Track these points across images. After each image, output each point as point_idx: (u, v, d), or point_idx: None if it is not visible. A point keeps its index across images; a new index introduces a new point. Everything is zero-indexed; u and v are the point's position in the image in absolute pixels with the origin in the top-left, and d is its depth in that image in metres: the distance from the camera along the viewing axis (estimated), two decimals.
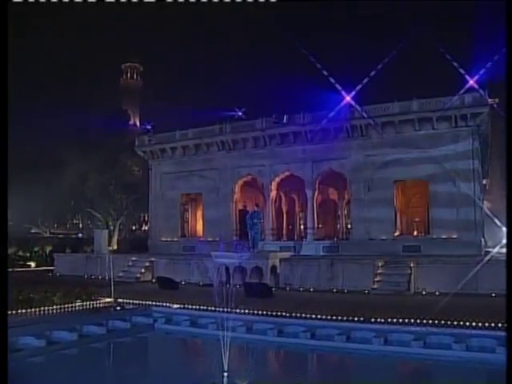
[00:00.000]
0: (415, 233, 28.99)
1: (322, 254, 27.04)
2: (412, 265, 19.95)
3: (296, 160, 28.85)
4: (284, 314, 13.64)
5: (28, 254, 41.09)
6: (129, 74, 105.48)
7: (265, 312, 13.92)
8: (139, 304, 16.44)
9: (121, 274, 26.80)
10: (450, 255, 21.45)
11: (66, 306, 14.68)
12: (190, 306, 15.20)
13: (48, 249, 41.54)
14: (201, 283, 24.06)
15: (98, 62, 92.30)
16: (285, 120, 28.48)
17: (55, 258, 32.33)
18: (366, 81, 26.57)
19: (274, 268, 22.58)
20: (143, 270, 26.52)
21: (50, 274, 29.98)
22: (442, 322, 11.77)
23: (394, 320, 12.37)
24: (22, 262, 36.17)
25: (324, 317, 12.93)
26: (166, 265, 26.47)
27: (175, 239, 32.91)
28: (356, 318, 12.84)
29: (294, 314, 13.43)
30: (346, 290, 20.19)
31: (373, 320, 12.59)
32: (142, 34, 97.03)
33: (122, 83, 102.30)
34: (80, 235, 52.89)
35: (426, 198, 26.97)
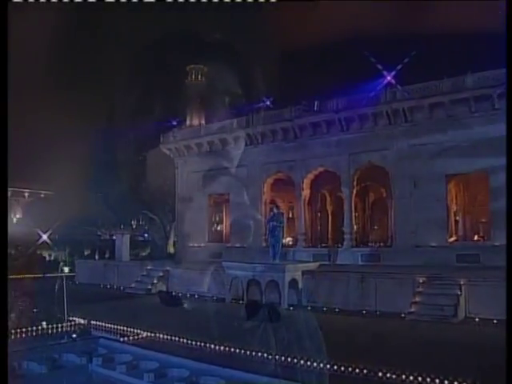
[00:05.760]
0: (476, 237, 23.97)
1: (360, 263, 22.88)
2: (462, 282, 15.53)
3: (330, 153, 24.73)
4: (262, 355, 10.02)
5: (64, 258, 40.00)
6: (193, 76, 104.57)
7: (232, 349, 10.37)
8: (110, 329, 13.56)
9: (133, 285, 24.40)
10: None
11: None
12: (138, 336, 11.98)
13: (86, 252, 40.28)
14: (215, 297, 21.08)
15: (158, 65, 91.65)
16: (316, 107, 24.38)
17: (76, 264, 30.21)
18: (409, 58, 22.31)
19: (294, 282, 18.86)
20: (156, 281, 23.78)
21: (71, 282, 28.00)
22: None
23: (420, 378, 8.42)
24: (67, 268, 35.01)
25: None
26: (181, 275, 23.55)
27: (202, 245, 29.79)
28: (357, 370, 9.01)
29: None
30: (378, 312, 16.53)
31: (381, 373, 8.73)
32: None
33: (187, 84, 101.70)
34: (146, 236, 51.06)
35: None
